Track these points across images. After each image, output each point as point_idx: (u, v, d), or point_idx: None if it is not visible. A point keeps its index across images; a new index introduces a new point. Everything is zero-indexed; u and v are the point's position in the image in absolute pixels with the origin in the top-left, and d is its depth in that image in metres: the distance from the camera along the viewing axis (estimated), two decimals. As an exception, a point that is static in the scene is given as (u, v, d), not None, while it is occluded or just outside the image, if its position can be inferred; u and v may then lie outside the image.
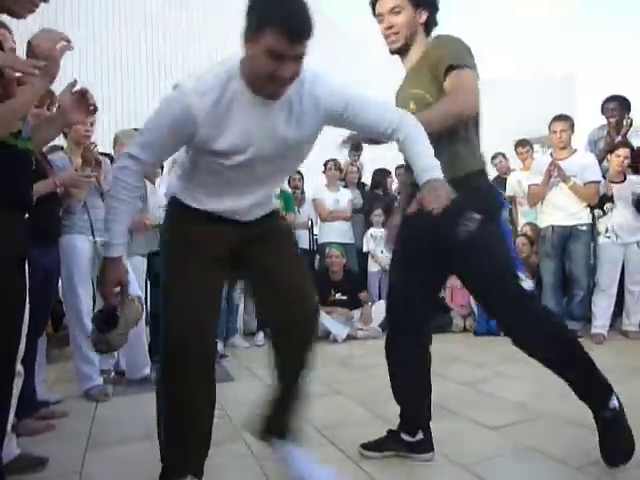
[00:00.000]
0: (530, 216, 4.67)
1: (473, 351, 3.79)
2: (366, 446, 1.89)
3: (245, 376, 3.27)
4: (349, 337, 4.29)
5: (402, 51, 1.78)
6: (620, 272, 3.98)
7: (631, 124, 4.35)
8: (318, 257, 5.34)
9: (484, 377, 2.94)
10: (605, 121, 4.45)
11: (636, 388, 2.67)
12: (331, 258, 4.66)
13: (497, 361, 3.36)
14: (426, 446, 1.84)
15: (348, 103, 1.42)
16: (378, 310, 4.61)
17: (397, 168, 5.63)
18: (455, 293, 4.78)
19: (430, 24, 1.77)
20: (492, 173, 5.77)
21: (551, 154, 4.16)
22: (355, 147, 5.44)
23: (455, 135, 1.65)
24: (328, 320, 4.29)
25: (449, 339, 4.29)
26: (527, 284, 1.82)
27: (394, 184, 5.80)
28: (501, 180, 5.49)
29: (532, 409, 2.35)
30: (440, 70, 1.62)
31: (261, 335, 4.41)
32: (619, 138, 4.28)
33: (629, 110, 4.36)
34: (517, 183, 4.96)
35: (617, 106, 4.36)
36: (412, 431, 1.84)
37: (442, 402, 2.46)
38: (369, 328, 4.42)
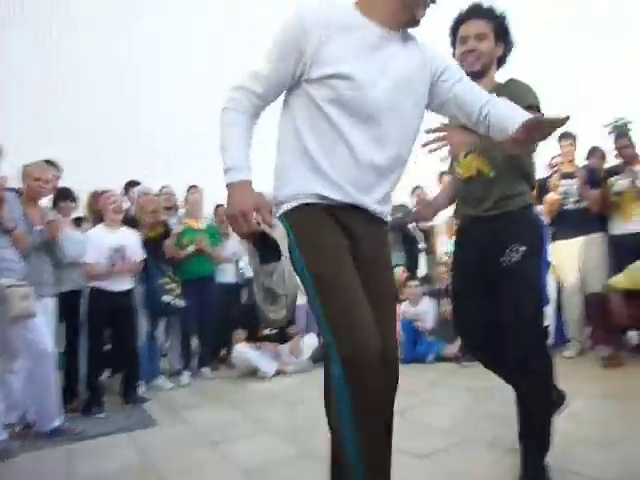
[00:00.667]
0: (448, 245, 4.89)
1: (400, 379, 3.83)
2: None
3: (169, 419, 3.11)
4: (278, 372, 4.21)
5: (476, 76, 1.80)
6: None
7: None
8: (247, 291, 5.27)
9: (411, 404, 2.97)
10: None
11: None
12: None
13: (423, 387, 3.43)
14: None
15: (447, 67, 1.43)
16: (308, 343, 4.59)
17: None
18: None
19: (502, 60, 1.90)
20: (412, 204, 6.01)
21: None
22: None
23: (519, 168, 1.77)
24: (255, 356, 4.21)
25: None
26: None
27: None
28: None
29: (457, 434, 2.40)
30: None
31: (186, 375, 4.24)
32: None
33: None
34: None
35: None
36: None
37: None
38: (299, 362, 4.37)
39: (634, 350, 4.01)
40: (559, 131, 4.16)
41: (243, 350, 4.27)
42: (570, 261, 4.10)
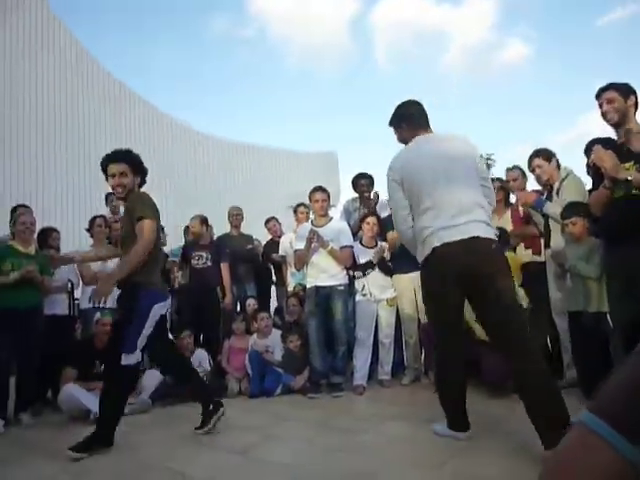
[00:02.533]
0: (298, 277, 4.99)
1: (247, 415, 3.74)
2: None
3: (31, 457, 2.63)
4: (114, 414, 3.82)
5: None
6: (374, 327, 4.47)
7: (378, 197, 5.08)
8: (80, 324, 4.77)
9: (255, 442, 2.89)
10: (357, 194, 5.12)
11: (395, 430, 2.97)
12: (102, 326, 4.16)
13: (270, 423, 3.38)
14: None
15: None
16: (149, 379, 4.27)
17: None
18: (232, 356, 4.73)
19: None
20: (267, 236, 6.06)
21: (312, 221, 4.57)
22: None
23: None
24: (85, 396, 3.77)
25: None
26: None
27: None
28: (274, 242, 5.79)
29: (301, 469, 2.38)
30: None
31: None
32: (366, 210, 4.95)
33: (373, 185, 5.10)
34: (289, 244, 5.28)
35: (367, 181, 5.07)
36: None
37: (214, 476, 2.34)
38: (137, 401, 4.02)
39: None
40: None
41: (72, 390, 3.80)
42: (408, 293, 4.44)
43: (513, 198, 4.55)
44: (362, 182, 5.09)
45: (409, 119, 2.83)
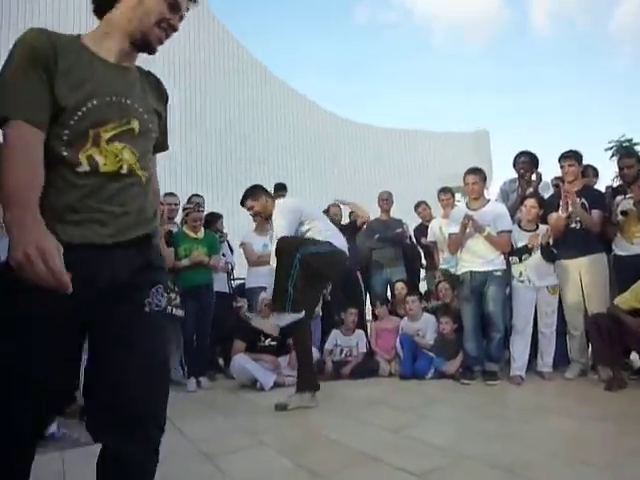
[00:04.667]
0: (451, 262, 4.88)
1: (398, 394, 3.82)
2: None
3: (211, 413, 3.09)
4: (276, 385, 4.18)
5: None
6: (534, 315, 4.21)
7: (540, 178, 4.73)
8: (246, 302, 5.27)
9: (408, 421, 2.95)
10: (516, 174, 4.81)
11: (553, 426, 2.80)
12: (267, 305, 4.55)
13: (421, 404, 3.40)
14: None
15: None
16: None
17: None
18: (380, 337, 4.84)
19: None
20: (416, 220, 6.02)
21: (467, 204, 4.42)
22: None
23: None
24: (255, 367, 4.19)
25: (374, 383, 4.31)
26: None
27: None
28: (423, 226, 5.74)
29: (455, 452, 2.37)
30: None
31: (193, 382, 4.25)
32: (530, 190, 4.63)
33: (537, 165, 4.75)
34: (439, 230, 5.20)
35: (527, 159, 4.73)
36: None
37: (363, 448, 2.45)
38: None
39: (637, 372, 3.98)
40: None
41: (242, 361, 4.25)
42: (573, 281, 4.10)
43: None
44: (522, 159, 4.76)
45: None
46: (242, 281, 5.81)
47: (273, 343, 4.49)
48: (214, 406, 3.67)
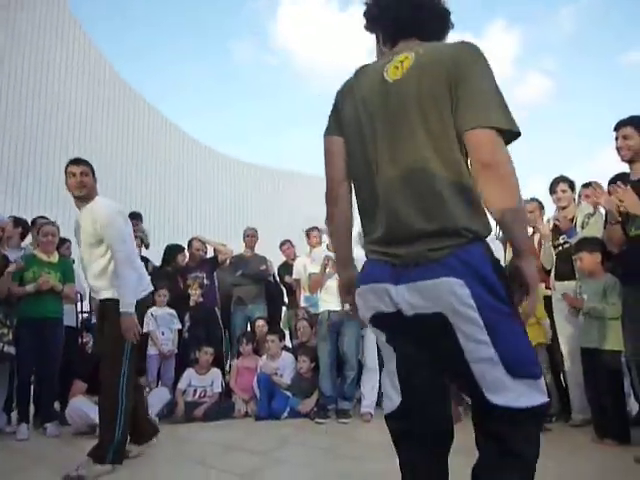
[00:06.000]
0: (311, 301, 4.99)
1: (252, 437, 3.71)
2: None
3: (36, 468, 2.62)
4: (120, 430, 3.81)
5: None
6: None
7: None
8: (91, 337, 4.81)
9: (260, 465, 2.86)
10: None
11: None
12: None
13: (275, 446, 3.34)
14: None
15: None
16: (156, 397, 4.28)
17: None
18: (240, 375, 4.72)
19: None
20: (280, 259, 6.08)
21: (327, 246, 4.58)
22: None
23: None
24: (96, 411, 3.77)
25: (228, 425, 4.15)
26: None
27: (186, 260, 5.61)
28: (287, 265, 5.81)
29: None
30: None
31: (24, 428, 3.70)
32: None
33: None
34: (303, 268, 5.29)
35: None
36: None
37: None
38: (144, 418, 4.01)
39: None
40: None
41: (80, 404, 3.81)
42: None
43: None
44: None
45: None
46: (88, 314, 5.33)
47: (120, 384, 4.12)
48: (42, 458, 3.21)
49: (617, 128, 2.83)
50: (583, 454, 2.91)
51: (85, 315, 5.49)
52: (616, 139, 2.83)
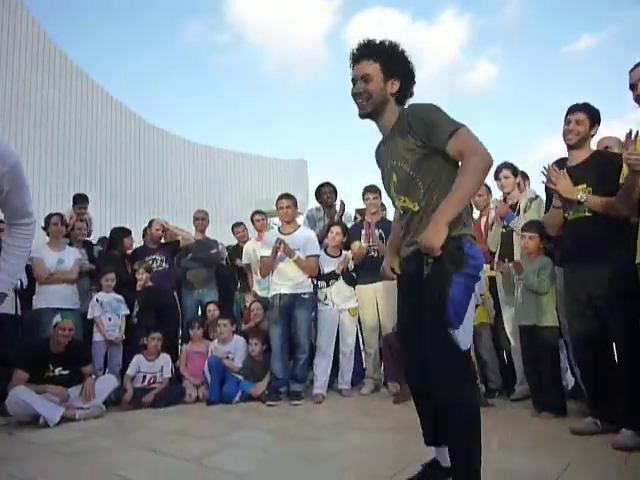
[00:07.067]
0: (263, 284, 4.97)
1: (202, 422, 3.69)
2: None
3: None
4: (65, 419, 3.69)
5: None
6: (336, 336, 4.49)
7: (343, 207, 5.12)
8: (35, 324, 4.60)
9: (209, 450, 2.85)
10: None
11: (352, 440, 2.97)
12: (61, 330, 4.01)
13: (226, 430, 3.33)
14: None
15: None
16: (103, 384, 4.16)
17: None
18: (190, 360, 4.66)
19: (402, 94, 1.95)
20: (233, 241, 6.00)
21: (279, 228, 4.57)
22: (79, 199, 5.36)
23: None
24: (37, 401, 3.64)
25: (178, 411, 4.10)
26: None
27: (134, 244, 5.46)
28: (239, 248, 5.75)
29: (255, 479, 2.36)
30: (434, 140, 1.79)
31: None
32: (336, 218, 4.99)
33: (336, 194, 5.17)
34: (252, 252, 5.26)
35: (329, 190, 5.13)
36: None
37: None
38: (90, 406, 3.90)
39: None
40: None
41: (21, 394, 3.66)
42: (370, 304, 4.48)
43: (475, 213, 4.65)
44: (325, 190, 5.16)
45: None
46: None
47: (65, 372, 3.99)
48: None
49: (571, 111, 2.81)
50: (521, 427, 3.06)
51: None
52: (568, 123, 2.79)
